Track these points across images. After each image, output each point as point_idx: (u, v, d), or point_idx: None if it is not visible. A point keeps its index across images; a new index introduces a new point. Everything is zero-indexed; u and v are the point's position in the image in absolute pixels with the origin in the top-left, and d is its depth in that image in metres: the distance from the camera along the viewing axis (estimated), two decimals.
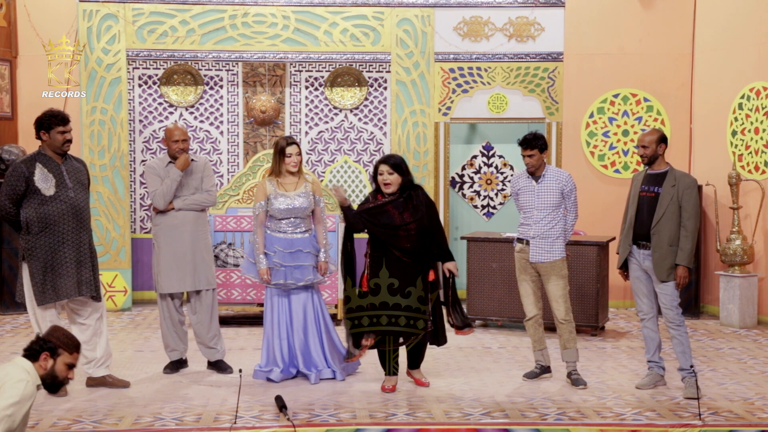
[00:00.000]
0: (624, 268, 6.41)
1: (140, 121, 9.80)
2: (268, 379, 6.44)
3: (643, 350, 7.58)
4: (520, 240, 6.58)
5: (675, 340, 6.24)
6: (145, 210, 9.80)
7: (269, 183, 6.53)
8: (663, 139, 6.28)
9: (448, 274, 6.36)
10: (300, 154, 6.52)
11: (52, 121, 6.02)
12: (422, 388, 6.32)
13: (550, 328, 6.90)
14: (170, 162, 6.69)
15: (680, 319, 6.22)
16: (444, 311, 6.46)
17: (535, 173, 6.49)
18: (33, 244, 5.97)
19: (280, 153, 6.50)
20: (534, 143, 6.40)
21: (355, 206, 6.52)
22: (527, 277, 6.56)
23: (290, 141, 6.53)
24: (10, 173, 5.98)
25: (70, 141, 6.11)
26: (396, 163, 6.28)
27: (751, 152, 8.78)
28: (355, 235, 6.44)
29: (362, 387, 6.34)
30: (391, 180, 6.25)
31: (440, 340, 6.46)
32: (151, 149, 9.78)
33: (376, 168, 6.34)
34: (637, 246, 6.27)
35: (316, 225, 6.63)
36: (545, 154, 6.48)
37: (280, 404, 5.65)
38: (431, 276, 6.36)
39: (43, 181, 5.95)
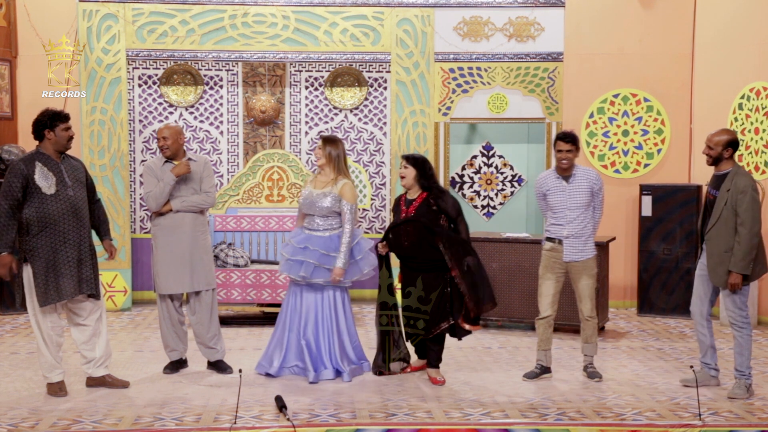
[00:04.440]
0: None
1: (140, 121, 9.79)
2: (267, 374, 6.48)
3: (643, 350, 7.61)
4: (551, 239, 6.56)
5: (735, 341, 6.15)
6: (145, 210, 9.80)
7: (309, 178, 6.79)
8: (731, 143, 6.07)
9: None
10: (323, 149, 6.62)
11: (55, 119, 6.03)
12: (423, 388, 6.31)
13: (557, 329, 6.89)
14: (167, 161, 6.69)
15: (743, 321, 6.10)
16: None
17: (565, 172, 6.50)
18: (34, 245, 5.95)
19: None
20: (575, 139, 6.45)
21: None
22: (552, 277, 6.56)
23: (322, 136, 6.78)
24: (9, 172, 5.95)
25: (72, 137, 6.15)
26: (412, 156, 6.59)
27: (751, 152, 8.78)
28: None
29: (362, 387, 6.34)
30: (405, 173, 6.51)
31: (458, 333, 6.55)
32: (151, 149, 9.78)
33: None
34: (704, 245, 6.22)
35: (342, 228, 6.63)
36: (579, 152, 6.54)
37: (280, 404, 5.65)
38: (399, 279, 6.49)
39: (44, 179, 5.94)
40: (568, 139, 6.44)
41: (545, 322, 6.59)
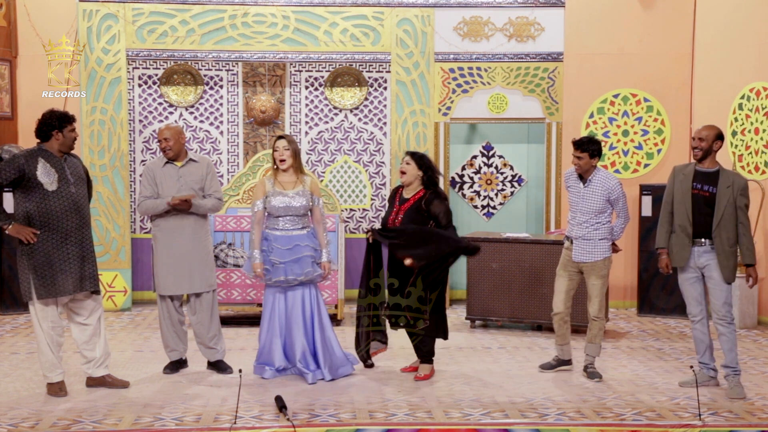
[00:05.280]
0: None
1: (140, 121, 9.79)
2: (262, 377, 6.49)
3: (642, 350, 7.61)
4: (567, 238, 6.66)
5: (724, 337, 6.19)
6: None
7: (268, 181, 6.59)
8: (720, 136, 6.18)
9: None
10: (289, 149, 6.54)
11: (64, 121, 6.07)
12: (423, 388, 6.31)
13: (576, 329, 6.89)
14: (168, 162, 6.68)
15: (731, 317, 6.19)
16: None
17: (582, 176, 6.54)
18: (36, 240, 5.96)
19: (272, 148, 6.61)
20: (585, 146, 6.46)
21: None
22: (566, 274, 6.64)
23: (280, 136, 6.63)
24: (8, 161, 5.95)
25: (76, 138, 6.20)
26: (417, 154, 6.63)
27: (751, 152, 8.78)
28: (365, 235, 6.64)
29: (362, 387, 6.34)
30: (407, 170, 6.52)
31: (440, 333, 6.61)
32: (151, 149, 9.78)
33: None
34: (692, 244, 6.20)
35: (315, 225, 6.64)
36: (596, 159, 6.50)
37: (280, 404, 5.65)
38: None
39: (46, 176, 5.96)
40: (577, 145, 6.50)
41: (558, 318, 6.67)
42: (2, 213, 5.97)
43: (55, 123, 6.04)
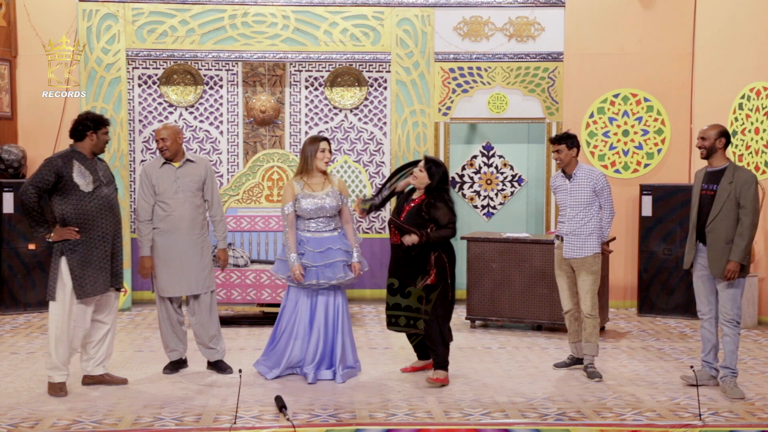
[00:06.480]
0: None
1: (140, 120, 9.79)
2: (265, 377, 6.49)
3: (642, 350, 7.61)
4: (558, 236, 6.73)
5: (728, 338, 6.17)
6: None
7: (297, 183, 6.54)
8: (723, 134, 6.18)
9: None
10: (330, 150, 6.57)
11: (100, 124, 6.18)
12: (423, 388, 6.30)
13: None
14: (165, 162, 6.67)
15: (737, 319, 6.15)
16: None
17: (566, 171, 6.63)
18: (73, 240, 6.00)
19: (311, 150, 6.52)
20: (560, 140, 6.59)
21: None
22: (563, 273, 6.72)
23: (323, 137, 6.61)
24: (45, 164, 6.05)
25: (108, 141, 6.33)
26: (434, 163, 6.51)
27: (751, 152, 8.78)
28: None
29: (362, 387, 6.34)
30: (419, 176, 6.47)
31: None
32: (151, 149, 9.78)
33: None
34: (702, 243, 6.22)
35: (344, 225, 6.62)
36: (574, 151, 6.60)
37: (280, 404, 5.65)
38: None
39: (82, 177, 6.06)
40: (554, 139, 6.65)
41: (569, 315, 6.79)
42: (44, 223, 6.03)
43: (90, 124, 6.16)
